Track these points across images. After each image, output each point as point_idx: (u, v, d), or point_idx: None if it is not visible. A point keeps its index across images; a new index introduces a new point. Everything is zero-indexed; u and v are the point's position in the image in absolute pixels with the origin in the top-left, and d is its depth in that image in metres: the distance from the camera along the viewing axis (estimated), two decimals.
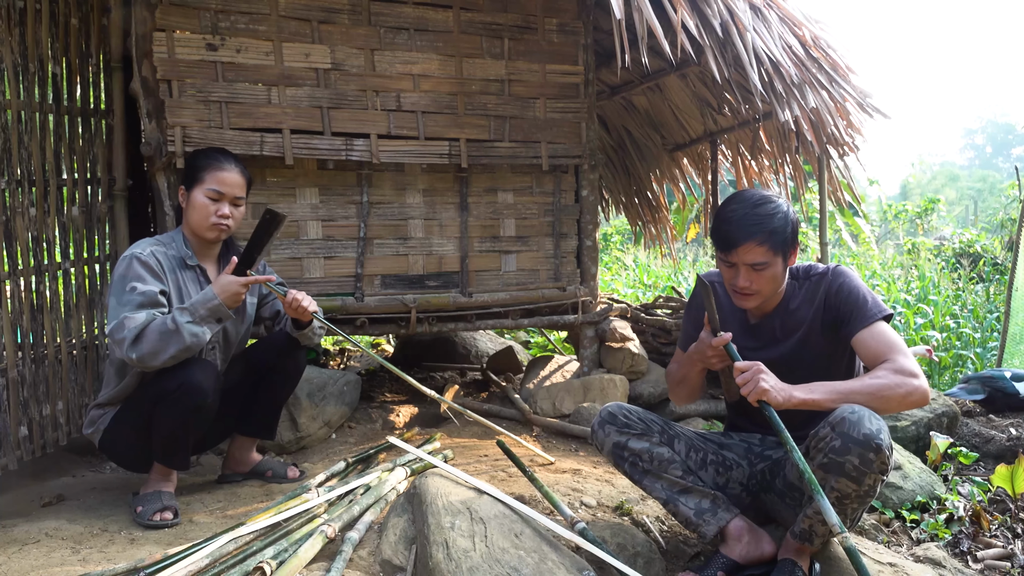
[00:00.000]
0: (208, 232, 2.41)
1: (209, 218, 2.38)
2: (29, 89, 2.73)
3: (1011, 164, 41.47)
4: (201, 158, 2.45)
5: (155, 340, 2.14)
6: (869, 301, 1.90)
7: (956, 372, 5.34)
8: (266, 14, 3.12)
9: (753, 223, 1.87)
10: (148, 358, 2.15)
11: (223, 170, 2.40)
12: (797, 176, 4.57)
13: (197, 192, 2.39)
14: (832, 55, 3.77)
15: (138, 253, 2.29)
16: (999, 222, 11.80)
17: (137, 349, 2.14)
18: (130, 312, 2.18)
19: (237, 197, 2.43)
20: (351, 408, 3.40)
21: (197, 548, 1.84)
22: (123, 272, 2.26)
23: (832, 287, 1.95)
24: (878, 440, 1.65)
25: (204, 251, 2.48)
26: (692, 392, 2.11)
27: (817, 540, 1.84)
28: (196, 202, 2.39)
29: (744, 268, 1.91)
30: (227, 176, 2.40)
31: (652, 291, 8.53)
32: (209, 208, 2.38)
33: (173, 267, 2.38)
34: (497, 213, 3.61)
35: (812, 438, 1.78)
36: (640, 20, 2.75)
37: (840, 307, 1.92)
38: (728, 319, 2.08)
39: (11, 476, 2.63)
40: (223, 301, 2.22)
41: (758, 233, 1.86)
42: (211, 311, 2.21)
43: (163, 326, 2.16)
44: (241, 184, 2.45)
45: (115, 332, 2.17)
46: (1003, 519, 2.53)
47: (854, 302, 1.90)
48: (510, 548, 1.81)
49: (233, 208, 2.43)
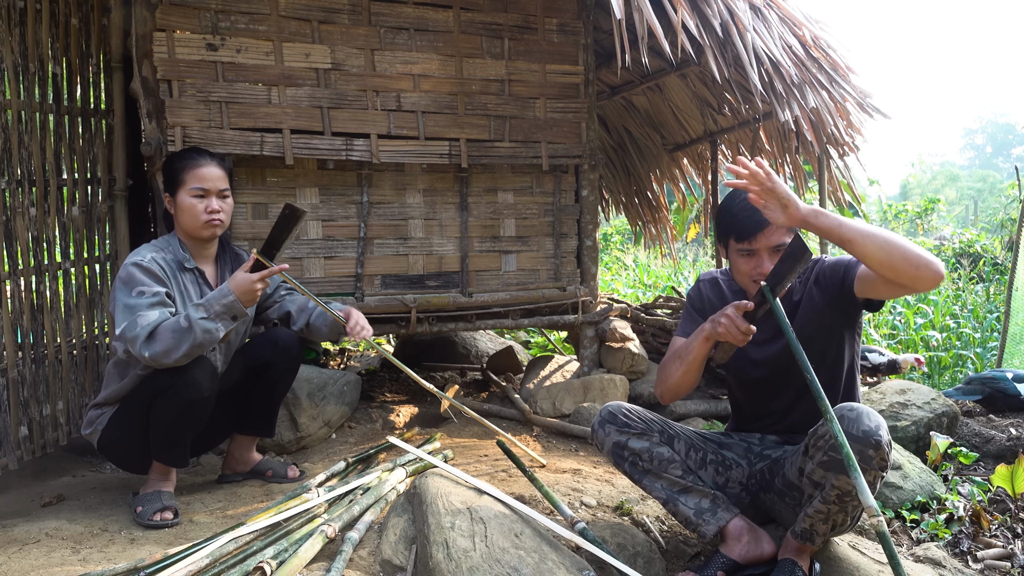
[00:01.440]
0: (203, 231, 2.40)
1: (200, 216, 2.37)
2: (29, 89, 2.73)
3: (1011, 164, 41.49)
4: (176, 161, 2.42)
5: (168, 337, 2.14)
6: (853, 258, 1.90)
7: (956, 372, 5.34)
8: (266, 14, 3.12)
9: None
10: (161, 355, 2.15)
11: (200, 166, 2.38)
12: (797, 176, 4.57)
13: (182, 195, 2.38)
14: (832, 55, 3.77)
15: (139, 260, 2.29)
16: (999, 222, 11.80)
17: (151, 347, 2.14)
18: (144, 311, 2.18)
19: (222, 190, 2.42)
20: (351, 408, 3.40)
21: (197, 548, 1.84)
22: (126, 279, 2.26)
23: (820, 266, 2.00)
24: (877, 436, 1.66)
25: (200, 252, 2.47)
26: (682, 382, 1.99)
27: (818, 539, 1.84)
28: (183, 204, 2.38)
29: (767, 252, 1.91)
30: (206, 171, 2.38)
31: (652, 291, 8.53)
32: (197, 207, 2.37)
33: (173, 271, 2.37)
34: (497, 213, 3.61)
35: (811, 436, 1.78)
36: (640, 20, 2.75)
37: (833, 273, 1.95)
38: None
39: (11, 476, 2.63)
40: (238, 298, 2.21)
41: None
42: (226, 307, 2.20)
43: (176, 324, 2.16)
44: (222, 176, 2.42)
45: (127, 331, 2.17)
46: (1003, 519, 2.53)
47: (841, 263, 1.94)
48: (510, 548, 1.81)
49: (221, 201, 2.42)
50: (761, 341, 2.02)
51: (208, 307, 2.19)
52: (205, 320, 2.17)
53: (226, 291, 2.21)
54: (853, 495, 1.73)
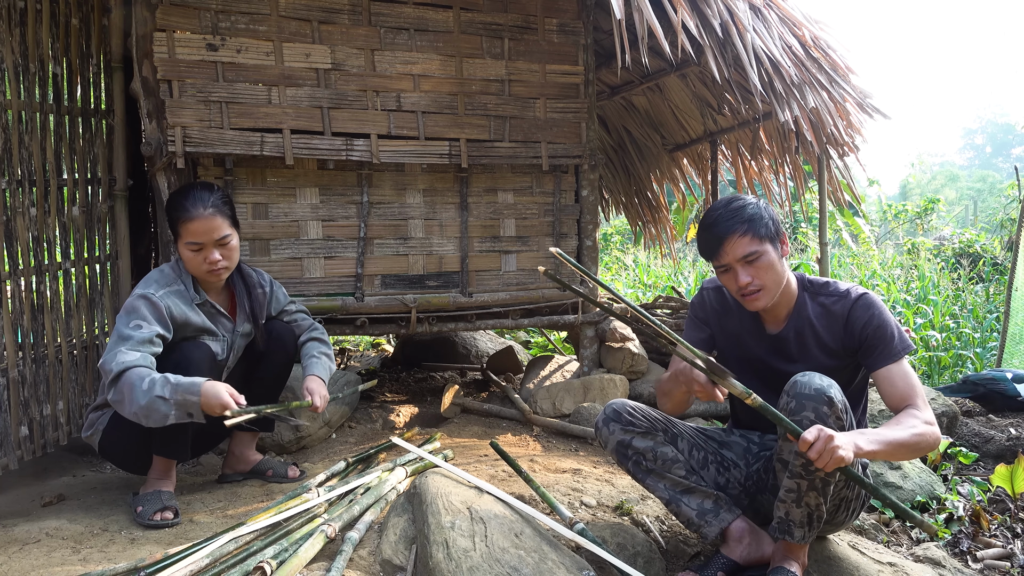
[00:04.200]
0: (208, 278, 2.40)
1: (200, 267, 2.36)
2: (30, 89, 2.73)
3: (1011, 164, 41.44)
4: (171, 210, 2.36)
5: (127, 391, 2.12)
6: (896, 337, 1.91)
7: (956, 372, 5.34)
8: (266, 14, 3.12)
9: (728, 219, 1.90)
10: (116, 404, 2.17)
11: (193, 220, 2.30)
12: (797, 176, 4.57)
13: (180, 245, 2.36)
14: (832, 55, 3.77)
15: (149, 294, 2.29)
16: (999, 222, 11.80)
17: (112, 391, 2.16)
18: (127, 348, 2.18)
19: (219, 239, 2.34)
20: (351, 408, 3.40)
21: (197, 548, 1.85)
22: (130, 309, 2.27)
23: (861, 316, 1.93)
24: (828, 393, 1.72)
25: (211, 286, 2.47)
26: (677, 407, 2.06)
27: (796, 530, 1.81)
28: (184, 255, 2.37)
29: (738, 265, 1.91)
30: (198, 226, 2.30)
31: (652, 291, 8.53)
32: (196, 259, 2.35)
33: (182, 309, 2.36)
34: (497, 213, 3.61)
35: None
36: (640, 20, 2.75)
37: (869, 339, 1.92)
38: (744, 331, 2.07)
39: (11, 476, 2.63)
40: (201, 403, 2.13)
41: (736, 225, 1.89)
42: (186, 403, 2.13)
43: (140, 381, 2.11)
44: (217, 226, 2.33)
45: (107, 361, 2.18)
46: (1003, 519, 2.53)
47: (882, 336, 1.91)
48: (510, 548, 1.81)
49: (221, 248, 2.36)
50: (776, 362, 2.02)
51: (174, 389, 2.12)
52: (161, 400, 2.10)
53: (195, 391, 2.12)
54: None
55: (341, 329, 3.36)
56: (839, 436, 1.63)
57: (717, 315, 2.12)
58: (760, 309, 1.98)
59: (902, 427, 1.79)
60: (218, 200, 2.36)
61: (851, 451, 1.63)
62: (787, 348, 2.01)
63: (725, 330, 2.11)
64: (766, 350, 2.04)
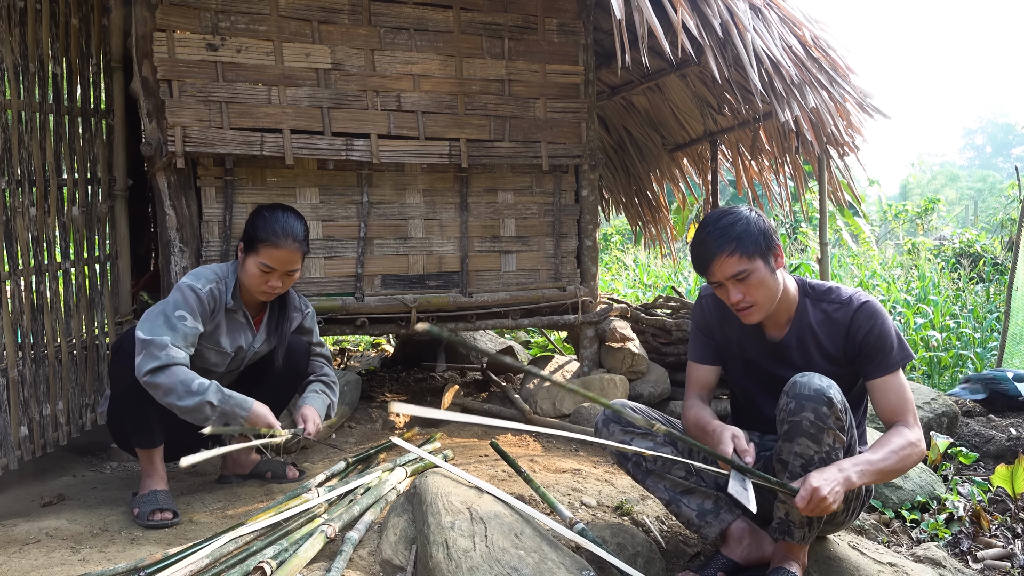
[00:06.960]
0: (258, 295, 2.44)
1: (259, 286, 2.40)
2: (29, 89, 2.73)
3: (1011, 164, 41.46)
4: (261, 227, 2.37)
5: (175, 382, 2.18)
6: (895, 348, 1.90)
7: (956, 372, 5.34)
8: (266, 14, 3.12)
9: (717, 237, 1.88)
10: (155, 388, 2.19)
11: (278, 247, 2.35)
12: (797, 176, 4.57)
13: (251, 260, 2.38)
14: (832, 55, 3.77)
15: (198, 288, 2.33)
16: (999, 222, 11.81)
17: (155, 376, 2.18)
18: (174, 342, 2.22)
19: (289, 271, 2.41)
20: (351, 408, 3.40)
21: (197, 548, 1.84)
22: (180, 299, 2.30)
23: (863, 326, 1.92)
24: (828, 394, 1.73)
25: (251, 299, 2.49)
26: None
27: (796, 531, 1.82)
28: (248, 269, 2.39)
29: (729, 283, 1.90)
30: (280, 255, 2.36)
31: (652, 291, 8.53)
32: (259, 278, 2.39)
33: (219, 307, 2.40)
34: (497, 213, 3.61)
35: (777, 412, 1.82)
36: (640, 20, 2.75)
37: (868, 348, 1.91)
38: (745, 336, 2.07)
39: (11, 476, 2.63)
40: (248, 419, 2.26)
41: (724, 244, 1.87)
42: (233, 415, 2.25)
43: (190, 381, 2.20)
44: (296, 259, 2.40)
45: (153, 338, 2.20)
46: (1003, 519, 2.53)
47: (882, 347, 1.90)
48: (510, 548, 1.81)
49: (286, 278, 2.42)
50: (779, 369, 2.01)
51: (224, 400, 2.23)
52: (209, 406, 2.20)
53: (246, 407, 2.27)
54: (816, 460, 1.74)
55: (341, 329, 3.35)
56: (829, 487, 1.66)
57: (718, 321, 2.11)
58: (755, 323, 1.97)
59: (891, 451, 1.79)
60: (303, 235, 2.43)
61: (842, 496, 1.68)
62: (789, 354, 2.00)
63: (726, 336, 2.11)
64: (767, 356, 2.04)
